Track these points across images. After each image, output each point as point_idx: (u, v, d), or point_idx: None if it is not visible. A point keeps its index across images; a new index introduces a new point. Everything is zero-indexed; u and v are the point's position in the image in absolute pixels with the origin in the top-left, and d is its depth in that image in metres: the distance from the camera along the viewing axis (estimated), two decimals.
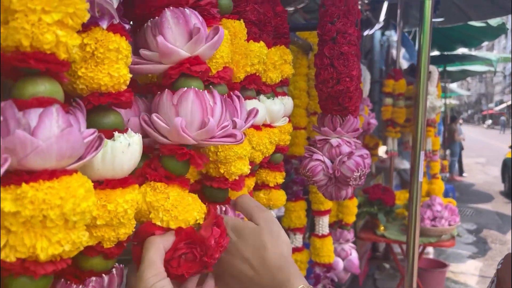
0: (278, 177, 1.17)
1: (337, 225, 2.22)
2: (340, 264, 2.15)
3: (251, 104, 0.94)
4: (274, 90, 1.09)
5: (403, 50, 5.42)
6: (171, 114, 0.60)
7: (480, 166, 13.14)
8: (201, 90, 0.61)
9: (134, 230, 0.58)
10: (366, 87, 2.59)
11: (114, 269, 0.59)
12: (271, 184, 1.17)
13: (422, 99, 1.62)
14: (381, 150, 4.64)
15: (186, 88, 0.59)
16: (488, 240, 6.07)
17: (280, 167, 1.18)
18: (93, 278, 0.56)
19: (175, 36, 0.59)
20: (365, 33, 5.12)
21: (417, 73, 1.64)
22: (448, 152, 9.29)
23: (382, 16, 4.02)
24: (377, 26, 4.10)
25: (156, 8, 0.60)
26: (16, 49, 0.42)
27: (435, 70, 3.35)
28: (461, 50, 7.03)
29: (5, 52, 0.43)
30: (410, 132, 4.37)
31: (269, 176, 1.16)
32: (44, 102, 0.44)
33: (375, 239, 3.67)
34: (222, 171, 0.74)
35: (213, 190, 0.76)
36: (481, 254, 5.51)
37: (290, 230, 1.65)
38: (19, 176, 0.43)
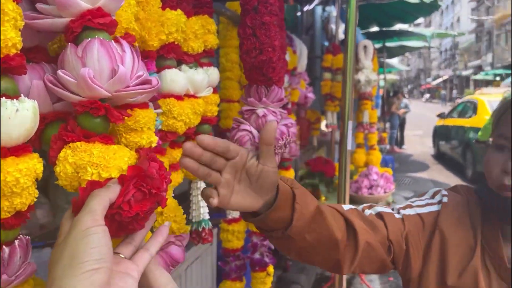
0: None
1: None
2: None
3: (169, 73, 0.94)
4: (197, 60, 1.08)
5: (343, 26, 5.54)
6: (77, 67, 0.56)
7: (418, 138, 13.91)
8: (107, 40, 0.58)
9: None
10: (302, 62, 2.64)
11: (16, 241, 0.58)
12: None
13: (349, 72, 1.68)
14: (323, 125, 4.77)
15: (90, 38, 0.57)
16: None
17: None
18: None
19: None
20: (305, 8, 5.18)
21: (345, 47, 1.69)
22: (388, 125, 9.74)
23: None
24: (316, 1, 4.15)
25: None
26: None
27: (370, 45, 3.47)
28: (399, 26, 7.30)
29: None
30: None
31: None
32: None
33: None
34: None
35: None
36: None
37: None
38: None
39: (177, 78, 0.94)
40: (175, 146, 1.07)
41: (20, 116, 0.51)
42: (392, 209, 1.06)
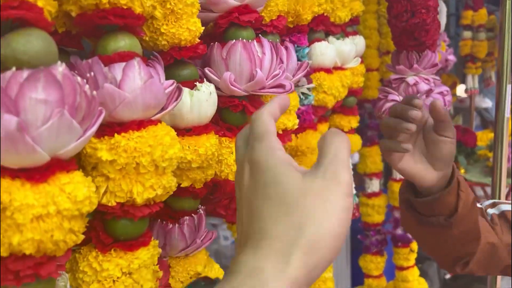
0: (353, 121, 1.15)
1: None
2: None
3: (320, 46, 0.92)
4: (344, 30, 1.04)
5: None
6: (222, 67, 0.61)
7: None
8: (249, 41, 0.60)
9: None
10: (442, 21, 2.38)
11: (200, 208, 0.63)
12: (346, 129, 1.15)
13: (508, 24, 1.46)
14: (460, 89, 4.31)
15: (234, 40, 0.60)
16: None
17: (354, 111, 1.16)
18: (186, 217, 0.61)
19: None
20: None
21: None
22: None
23: None
24: None
25: None
26: (96, 7, 0.44)
27: None
28: None
29: (87, 12, 0.45)
30: (492, 67, 4.00)
31: (343, 121, 1.14)
32: (125, 56, 0.46)
33: None
34: None
35: None
36: None
37: (366, 176, 1.63)
38: (111, 128, 0.47)
39: (326, 51, 0.92)
40: (322, 120, 1.06)
41: (213, 97, 0.56)
42: None
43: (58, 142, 0.38)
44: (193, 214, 0.63)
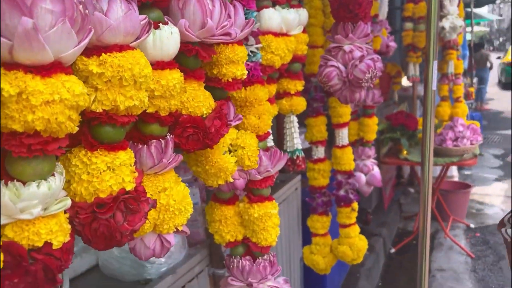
0: (298, 85, 1.31)
1: (358, 143, 2.35)
2: (363, 178, 2.32)
3: (267, 12, 1.06)
4: (289, 2, 1.19)
5: None
6: (178, 16, 0.74)
7: (510, 94, 12.77)
8: None
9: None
10: (384, 9, 2.62)
11: (168, 136, 0.76)
12: (292, 92, 1.31)
13: (434, 11, 1.67)
14: (404, 80, 4.64)
15: None
16: None
17: (299, 76, 1.31)
18: (154, 141, 0.73)
19: None
20: None
21: None
22: (475, 80, 9.08)
23: None
24: None
25: None
26: None
27: None
28: None
29: None
30: None
31: (290, 84, 1.30)
32: None
33: (398, 162, 3.81)
34: (215, 72, 0.88)
35: (209, 88, 0.89)
36: (507, 177, 5.58)
37: (312, 143, 1.81)
38: (98, 50, 0.59)
39: (273, 16, 1.07)
40: (271, 82, 1.21)
41: (174, 37, 0.68)
42: None
43: (60, 45, 0.50)
44: (160, 139, 0.75)
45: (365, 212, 4.30)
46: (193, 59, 0.78)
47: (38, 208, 0.52)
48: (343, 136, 1.80)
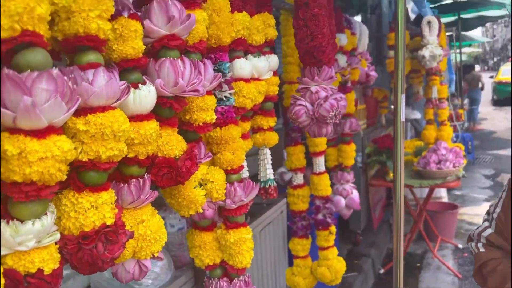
0: (271, 121, 1.45)
1: (338, 168, 2.49)
2: (342, 202, 2.44)
3: (239, 62, 1.22)
4: (260, 50, 1.35)
5: (411, 4, 5.44)
6: (155, 76, 0.89)
7: (503, 114, 12.98)
8: (175, 59, 0.89)
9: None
10: (363, 42, 2.78)
11: (146, 175, 0.90)
12: (265, 127, 1.45)
13: (400, 48, 1.83)
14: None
15: (164, 58, 0.88)
16: (505, 183, 6.22)
17: (271, 113, 1.46)
18: (133, 180, 0.87)
19: (158, 19, 0.87)
20: None
21: (395, 23, 1.84)
22: (466, 101, 9.27)
23: None
24: None
25: None
26: (75, 35, 0.71)
27: (434, 20, 3.48)
28: None
29: (68, 37, 0.72)
30: (419, 83, 4.52)
31: (263, 121, 1.44)
32: (94, 66, 0.73)
33: (385, 184, 3.93)
34: (187, 117, 1.03)
35: (183, 131, 1.04)
36: (497, 197, 5.69)
37: (292, 170, 1.94)
38: (85, 111, 0.73)
39: (244, 65, 1.22)
40: (245, 119, 1.35)
41: (151, 95, 0.83)
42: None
43: (53, 114, 0.64)
44: (139, 178, 0.89)
45: (354, 233, 4.41)
46: (168, 110, 0.92)
47: (32, 241, 0.65)
48: (320, 163, 1.94)
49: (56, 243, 0.71)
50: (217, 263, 1.22)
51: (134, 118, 0.83)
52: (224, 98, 1.16)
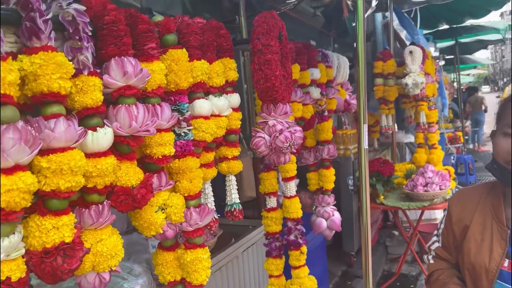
0: (235, 151, 1.64)
1: (319, 192, 2.64)
2: (324, 223, 2.59)
3: (198, 102, 1.41)
4: (221, 90, 1.54)
5: (405, 32, 5.64)
6: (113, 119, 1.09)
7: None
8: (130, 105, 1.08)
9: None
10: (344, 73, 2.97)
11: (105, 202, 1.08)
12: (229, 157, 1.63)
13: (361, 77, 2.01)
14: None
15: (121, 104, 1.07)
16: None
17: (235, 144, 1.64)
18: (93, 206, 1.05)
19: (115, 74, 1.07)
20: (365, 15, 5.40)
21: (356, 54, 2.02)
22: (468, 123, 9.35)
23: (374, 1, 4.32)
24: (370, 11, 4.41)
25: (109, 57, 1.07)
26: (41, 93, 0.91)
27: (416, 50, 3.66)
28: (470, 22, 7.11)
29: (35, 94, 0.92)
30: (411, 107, 4.68)
31: (227, 151, 1.63)
32: (57, 116, 0.93)
33: (375, 207, 4.04)
34: (148, 151, 1.21)
35: (146, 163, 1.23)
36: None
37: (266, 195, 2.11)
38: (47, 152, 0.92)
39: (203, 105, 1.41)
40: (208, 150, 1.53)
41: (107, 136, 1.02)
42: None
43: (18, 156, 0.84)
44: (99, 204, 1.07)
45: (348, 255, 4.51)
46: (126, 146, 1.11)
47: (2, 255, 0.83)
48: (291, 188, 2.10)
49: (23, 257, 0.89)
50: (177, 280, 1.38)
51: (93, 155, 1.02)
52: (182, 134, 1.34)
